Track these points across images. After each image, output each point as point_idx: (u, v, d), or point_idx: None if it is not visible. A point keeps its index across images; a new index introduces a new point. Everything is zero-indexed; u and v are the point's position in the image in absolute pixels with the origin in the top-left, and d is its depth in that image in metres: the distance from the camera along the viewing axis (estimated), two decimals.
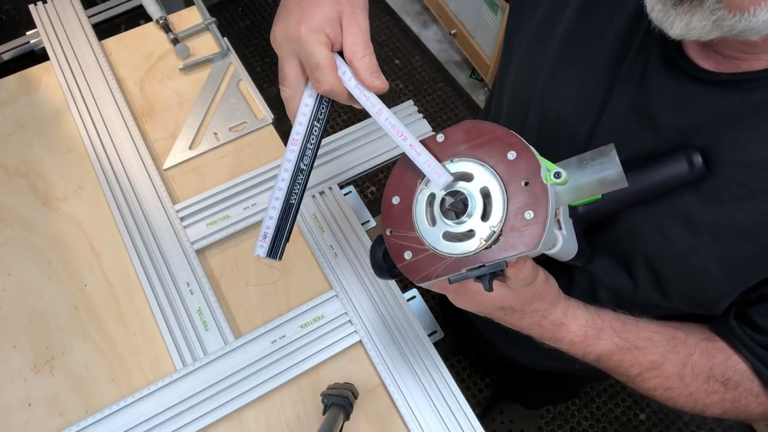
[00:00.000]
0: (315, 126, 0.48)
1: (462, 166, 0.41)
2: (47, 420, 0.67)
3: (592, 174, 0.41)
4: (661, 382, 0.51)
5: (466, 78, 2.00)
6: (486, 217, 0.40)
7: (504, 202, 0.39)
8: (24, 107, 0.88)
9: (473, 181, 0.41)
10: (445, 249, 0.41)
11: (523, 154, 0.39)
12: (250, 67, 1.97)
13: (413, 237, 0.42)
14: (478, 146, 0.41)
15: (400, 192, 0.44)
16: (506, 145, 0.40)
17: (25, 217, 0.79)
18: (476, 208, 0.40)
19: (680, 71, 0.45)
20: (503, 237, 0.39)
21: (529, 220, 0.38)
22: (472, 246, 0.40)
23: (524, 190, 0.39)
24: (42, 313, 0.73)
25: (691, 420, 1.48)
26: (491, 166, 0.40)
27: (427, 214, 0.42)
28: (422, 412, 0.66)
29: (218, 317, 0.71)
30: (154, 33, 0.96)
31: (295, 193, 0.50)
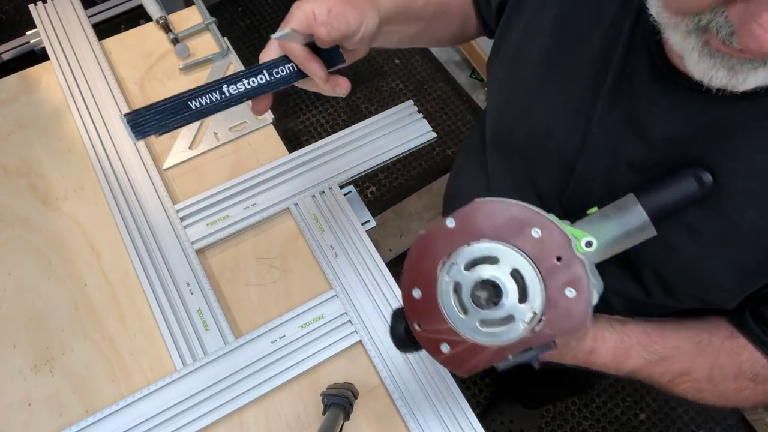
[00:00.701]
0: (262, 74, 0.49)
1: (483, 249, 0.39)
2: (47, 420, 0.67)
3: (618, 230, 0.40)
4: (692, 386, 0.52)
5: (466, 78, 2.00)
6: (524, 299, 0.38)
7: (540, 282, 0.38)
8: (24, 107, 0.88)
9: (500, 264, 0.39)
10: (486, 338, 0.39)
11: (548, 229, 0.38)
12: None
13: (447, 329, 0.40)
14: (497, 226, 0.39)
15: (419, 282, 0.41)
16: (527, 224, 0.38)
17: (25, 217, 0.79)
18: (510, 291, 0.38)
19: (668, 81, 0.45)
20: (547, 317, 0.37)
21: (572, 297, 0.37)
22: (515, 332, 0.38)
23: (559, 268, 0.37)
24: (42, 313, 0.73)
25: (691, 420, 1.48)
26: (517, 246, 0.38)
27: (456, 302, 0.40)
28: (422, 412, 0.66)
29: (218, 317, 0.71)
30: (154, 33, 0.96)
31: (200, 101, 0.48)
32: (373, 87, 1.96)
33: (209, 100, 0.48)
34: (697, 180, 0.43)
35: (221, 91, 0.48)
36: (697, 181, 0.43)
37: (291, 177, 0.81)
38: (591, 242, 0.38)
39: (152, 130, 0.47)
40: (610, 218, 0.40)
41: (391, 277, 0.74)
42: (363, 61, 2.00)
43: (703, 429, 1.47)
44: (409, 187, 1.78)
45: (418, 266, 0.42)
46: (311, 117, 1.88)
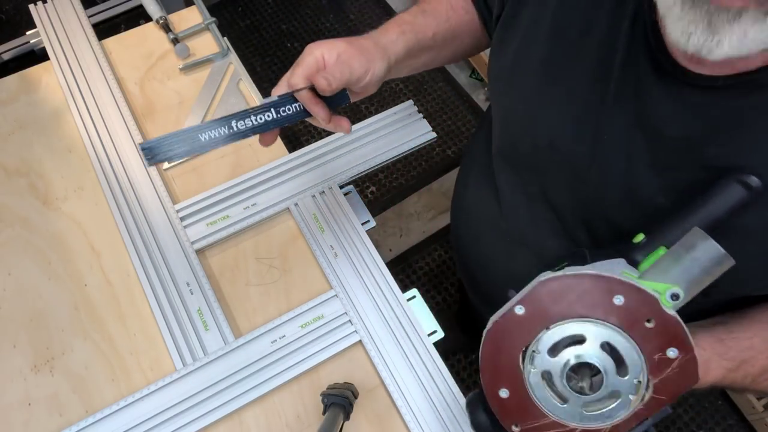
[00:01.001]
0: (269, 111, 0.54)
1: (565, 329, 0.37)
2: (47, 420, 0.67)
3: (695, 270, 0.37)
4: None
5: (466, 78, 2.00)
6: (624, 372, 0.36)
7: (637, 350, 0.35)
8: (24, 107, 0.88)
9: (587, 342, 0.36)
10: (596, 422, 0.37)
11: (631, 294, 0.35)
12: (250, 67, 1.97)
13: (551, 423, 0.38)
14: (573, 302, 0.36)
15: (503, 382, 0.39)
16: (606, 292, 0.36)
17: (25, 217, 0.79)
18: (608, 367, 0.36)
19: (674, 80, 0.44)
20: (655, 384, 0.35)
21: (674, 357, 0.35)
22: (625, 407, 0.36)
23: (651, 329, 0.35)
24: (42, 313, 0.73)
25: (691, 420, 1.48)
26: (600, 318, 0.36)
27: (551, 393, 0.38)
28: (422, 412, 0.66)
29: (218, 317, 0.71)
30: (154, 33, 0.96)
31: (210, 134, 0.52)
32: None
33: (218, 133, 0.52)
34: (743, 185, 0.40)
35: (230, 126, 0.52)
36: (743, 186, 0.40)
37: (291, 177, 0.81)
38: (677, 294, 0.35)
39: (164, 158, 0.51)
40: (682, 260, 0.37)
41: (391, 277, 0.74)
42: None
43: (703, 429, 1.47)
44: (409, 187, 1.78)
45: (496, 363, 0.39)
46: None
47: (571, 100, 0.51)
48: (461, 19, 0.66)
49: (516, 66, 0.56)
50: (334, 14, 2.12)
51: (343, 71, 0.52)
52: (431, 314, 0.74)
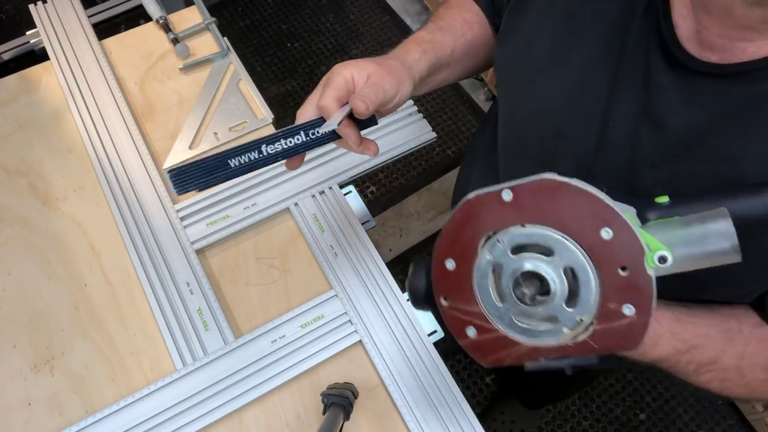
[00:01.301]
0: (299, 134, 0.51)
1: (538, 235, 0.34)
2: (47, 420, 0.67)
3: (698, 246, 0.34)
4: (717, 374, 0.50)
5: None
6: (573, 303, 0.34)
7: (596, 289, 0.33)
8: (24, 107, 0.88)
9: (554, 257, 0.34)
10: (521, 334, 0.35)
11: (623, 232, 0.33)
12: (250, 67, 1.97)
13: (477, 313, 0.36)
14: (561, 213, 0.34)
15: (455, 254, 0.37)
16: (600, 219, 0.33)
17: (25, 217, 0.79)
18: (559, 291, 0.34)
19: (683, 68, 0.44)
20: (596, 329, 0.33)
21: (628, 315, 0.33)
22: (555, 335, 0.34)
23: (622, 278, 0.33)
24: (42, 313, 0.73)
25: (691, 420, 1.48)
26: (579, 243, 0.33)
27: (493, 287, 0.36)
28: (422, 412, 0.66)
29: (218, 317, 0.71)
30: (154, 33, 0.96)
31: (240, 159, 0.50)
32: None
33: (248, 158, 0.50)
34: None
35: (260, 151, 0.50)
36: None
37: (291, 177, 0.81)
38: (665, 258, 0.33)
39: (193, 186, 0.49)
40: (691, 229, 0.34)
41: (391, 277, 0.74)
42: None
43: (703, 429, 1.47)
44: (409, 187, 1.78)
45: (457, 234, 0.36)
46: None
47: (579, 88, 0.51)
48: (476, 33, 0.66)
49: (523, 54, 0.55)
50: (334, 14, 2.12)
51: (378, 93, 0.51)
52: (431, 314, 0.74)
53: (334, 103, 0.51)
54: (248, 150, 0.50)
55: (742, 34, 0.41)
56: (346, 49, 2.03)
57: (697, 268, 0.35)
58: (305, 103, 0.53)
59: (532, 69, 0.55)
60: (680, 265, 0.35)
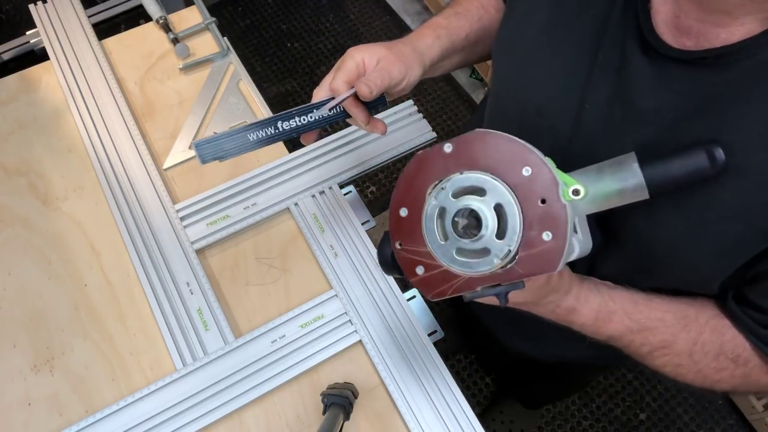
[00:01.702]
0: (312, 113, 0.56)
1: (473, 179, 0.40)
2: (47, 420, 0.67)
3: (611, 185, 0.40)
4: (671, 359, 0.52)
5: (466, 78, 2.00)
6: (501, 235, 0.39)
7: (520, 220, 0.38)
8: (24, 107, 0.88)
9: (486, 197, 0.39)
10: (460, 267, 0.40)
11: (539, 170, 0.38)
12: (250, 66, 1.97)
13: (425, 252, 0.41)
14: (491, 159, 0.39)
15: (407, 203, 0.42)
16: (521, 160, 0.38)
17: (25, 217, 0.79)
18: (491, 225, 0.39)
19: (657, 54, 0.45)
20: (520, 256, 0.38)
21: (547, 241, 0.37)
22: (488, 265, 0.39)
23: (541, 209, 0.38)
24: (42, 313, 0.73)
25: (691, 420, 1.48)
26: (505, 181, 0.39)
27: (438, 228, 0.41)
28: (422, 412, 0.66)
29: (218, 317, 0.71)
30: (154, 33, 0.96)
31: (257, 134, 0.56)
32: None
33: (265, 133, 0.56)
34: (708, 156, 0.41)
35: (276, 126, 0.56)
36: (708, 156, 0.41)
37: (291, 177, 0.81)
38: (579, 190, 0.38)
39: (215, 156, 0.55)
40: (604, 172, 0.40)
41: (391, 277, 0.74)
42: None
43: (703, 429, 1.47)
44: None
45: (409, 186, 0.42)
46: None
47: (563, 69, 0.52)
48: (492, 18, 0.67)
49: (517, 34, 0.57)
50: (334, 14, 2.12)
51: (383, 78, 0.55)
52: (431, 314, 0.74)
53: (344, 85, 0.55)
54: (265, 125, 0.55)
55: (717, 19, 0.42)
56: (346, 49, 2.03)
57: (613, 205, 0.41)
58: (320, 84, 0.58)
59: (523, 51, 0.56)
60: (596, 201, 0.41)
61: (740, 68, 0.42)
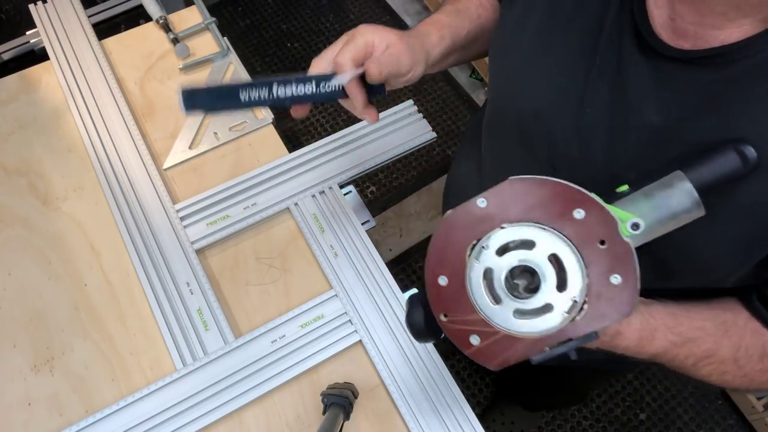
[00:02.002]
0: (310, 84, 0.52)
1: (518, 232, 0.36)
2: (47, 420, 0.67)
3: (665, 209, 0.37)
4: (717, 368, 0.51)
5: (466, 78, 2.00)
6: (563, 287, 0.36)
7: (582, 268, 0.35)
8: (24, 107, 0.88)
9: (536, 248, 0.36)
10: (521, 328, 0.36)
11: (593, 209, 0.35)
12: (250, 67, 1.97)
13: (477, 320, 0.38)
14: (533, 207, 0.36)
15: (445, 270, 0.39)
16: (569, 202, 0.36)
17: (25, 217, 0.79)
18: (548, 278, 0.36)
19: (654, 53, 0.45)
20: (589, 306, 0.35)
21: (616, 285, 0.35)
22: (553, 322, 0.36)
23: (603, 252, 0.35)
24: (42, 313, 0.73)
25: (691, 420, 1.48)
26: (556, 228, 0.36)
27: (487, 290, 0.38)
28: (422, 412, 0.66)
29: (218, 317, 0.71)
30: (154, 33, 0.96)
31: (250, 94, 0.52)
32: None
33: (258, 95, 0.51)
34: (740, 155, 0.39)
35: (270, 91, 0.51)
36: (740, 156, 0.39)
37: (291, 177, 0.81)
38: (638, 224, 0.36)
39: (200, 107, 0.51)
40: (654, 197, 0.37)
41: (391, 277, 0.74)
42: None
43: (703, 429, 1.47)
44: (409, 187, 1.78)
45: (444, 251, 0.39)
46: (311, 117, 1.88)
47: (559, 72, 0.52)
48: (489, 16, 0.67)
49: (512, 37, 0.57)
50: (334, 14, 2.12)
51: (392, 64, 0.53)
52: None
53: (350, 62, 0.53)
54: (259, 86, 0.51)
55: (714, 21, 0.42)
56: None
57: (670, 229, 0.38)
58: (321, 55, 0.54)
59: (518, 54, 0.56)
60: (652, 230, 0.38)
61: (740, 67, 0.42)
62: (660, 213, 0.37)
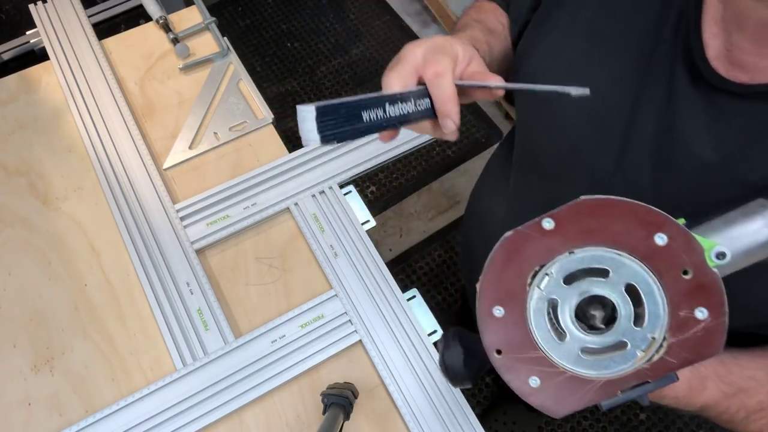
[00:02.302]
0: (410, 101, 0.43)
1: (590, 258, 0.32)
2: (47, 420, 0.67)
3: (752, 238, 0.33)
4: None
5: None
6: (640, 322, 0.32)
7: (662, 300, 0.31)
8: (24, 107, 0.88)
9: (611, 277, 0.32)
10: (590, 369, 0.32)
11: (676, 235, 0.31)
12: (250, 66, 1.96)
13: (538, 358, 0.33)
14: (607, 230, 0.32)
15: (501, 299, 0.34)
16: (649, 226, 0.31)
17: (25, 217, 0.79)
18: (624, 311, 0.32)
19: (709, 87, 0.42)
20: (671, 343, 0.31)
21: (703, 319, 0.31)
22: (628, 361, 0.32)
23: (687, 282, 0.31)
24: (42, 313, 0.73)
25: (690, 420, 1.48)
26: (634, 255, 0.32)
27: (550, 324, 0.33)
28: (422, 412, 0.66)
29: (218, 317, 0.71)
30: (154, 33, 0.96)
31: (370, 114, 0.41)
32: (373, 87, 1.96)
33: (375, 116, 0.41)
34: None
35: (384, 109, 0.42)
36: None
37: (291, 177, 0.81)
38: (724, 253, 0.32)
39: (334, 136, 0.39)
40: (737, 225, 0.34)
41: (391, 277, 0.74)
42: (363, 61, 2.00)
43: (703, 429, 1.47)
44: (409, 187, 1.78)
45: (501, 277, 0.34)
46: None
47: (600, 104, 0.48)
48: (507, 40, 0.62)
49: (545, 67, 0.53)
50: (334, 14, 2.12)
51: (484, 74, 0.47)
52: (431, 314, 0.74)
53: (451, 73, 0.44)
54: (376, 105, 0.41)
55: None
56: (346, 49, 2.03)
57: (752, 261, 0.34)
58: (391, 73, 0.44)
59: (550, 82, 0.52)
60: (737, 261, 0.34)
61: None
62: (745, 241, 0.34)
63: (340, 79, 1.96)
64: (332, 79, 1.96)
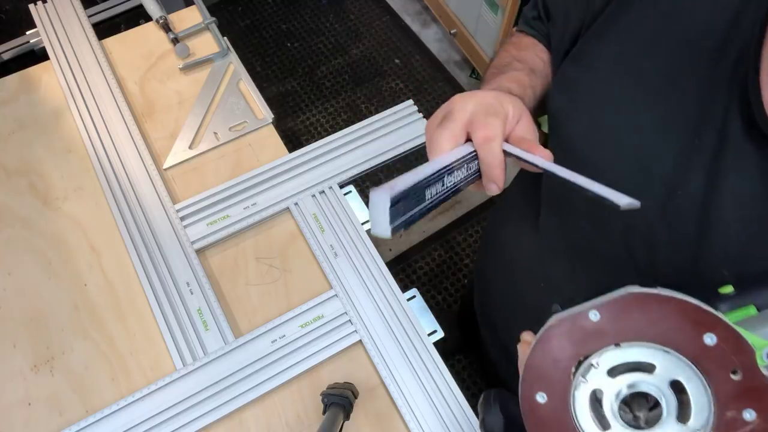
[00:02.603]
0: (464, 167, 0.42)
1: (636, 353, 0.33)
2: (47, 420, 0.67)
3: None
4: None
5: (466, 78, 2.00)
6: (686, 419, 0.32)
7: (709, 399, 0.31)
8: (24, 107, 0.88)
9: (657, 372, 0.32)
10: None
11: (726, 335, 0.31)
12: (250, 66, 1.96)
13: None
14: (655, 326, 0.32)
15: (544, 385, 0.34)
16: (698, 325, 0.31)
17: (25, 217, 0.79)
18: (669, 408, 0.32)
19: (764, 139, 0.40)
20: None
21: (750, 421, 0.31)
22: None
23: (735, 383, 0.31)
24: (42, 313, 0.73)
25: None
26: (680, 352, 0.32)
27: (594, 415, 0.34)
28: (422, 412, 0.66)
29: (218, 317, 0.71)
30: (154, 33, 0.96)
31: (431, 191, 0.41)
32: (373, 87, 1.96)
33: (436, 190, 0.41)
34: None
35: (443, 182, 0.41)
36: None
37: (291, 177, 0.81)
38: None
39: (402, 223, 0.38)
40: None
41: (391, 277, 0.74)
42: (363, 61, 2.00)
43: None
44: None
45: (545, 363, 0.34)
46: (311, 117, 1.88)
47: (644, 150, 0.46)
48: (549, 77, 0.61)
49: (582, 105, 0.51)
50: (334, 14, 2.12)
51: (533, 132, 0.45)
52: (431, 314, 0.74)
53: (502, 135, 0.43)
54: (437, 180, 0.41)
55: None
56: (346, 49, 2.04)
57: None
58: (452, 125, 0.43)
59: (590, 122, 0.50)
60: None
61: None
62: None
63: (340, 79, 1.96)
64: (332, 79, 1.96)
